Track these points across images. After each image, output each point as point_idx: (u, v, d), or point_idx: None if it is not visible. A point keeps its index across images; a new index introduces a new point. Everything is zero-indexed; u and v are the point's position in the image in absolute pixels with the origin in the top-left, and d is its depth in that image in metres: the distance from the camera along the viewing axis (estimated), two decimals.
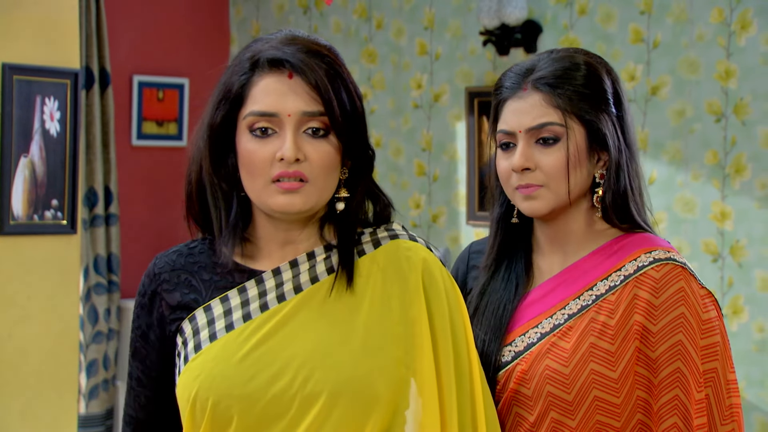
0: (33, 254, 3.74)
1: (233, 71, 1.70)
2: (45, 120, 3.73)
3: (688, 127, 4.44)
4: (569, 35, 4.76)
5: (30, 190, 3.70)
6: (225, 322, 1.67)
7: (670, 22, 4.50)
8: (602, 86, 1.87)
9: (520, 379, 1.84)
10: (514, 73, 1.89)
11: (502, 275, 1.93)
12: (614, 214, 1.87)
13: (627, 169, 1.87)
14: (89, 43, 5.08)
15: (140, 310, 1.75)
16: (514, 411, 1.86)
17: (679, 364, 1.78)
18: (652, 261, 1.84)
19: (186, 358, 1.66)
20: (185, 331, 1.68)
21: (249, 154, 1.65)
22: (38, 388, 3.75)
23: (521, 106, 1.85)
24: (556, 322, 1.85)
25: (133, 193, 5.45)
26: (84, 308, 5.09)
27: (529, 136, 1.85)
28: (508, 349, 1.87)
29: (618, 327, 1.80)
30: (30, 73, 3.69)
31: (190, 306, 1.70)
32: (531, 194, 1.85)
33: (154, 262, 1.75)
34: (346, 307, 1.68)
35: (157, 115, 5.54)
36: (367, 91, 5.40)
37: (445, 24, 5.16)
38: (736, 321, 4.33)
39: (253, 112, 1.66)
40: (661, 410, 1.79)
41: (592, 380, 1.79)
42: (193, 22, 5.71)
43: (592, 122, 1.84)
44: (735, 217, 4.33)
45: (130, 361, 1.76)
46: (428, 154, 5.22)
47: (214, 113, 1.70)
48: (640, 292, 1.81)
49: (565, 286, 1.88)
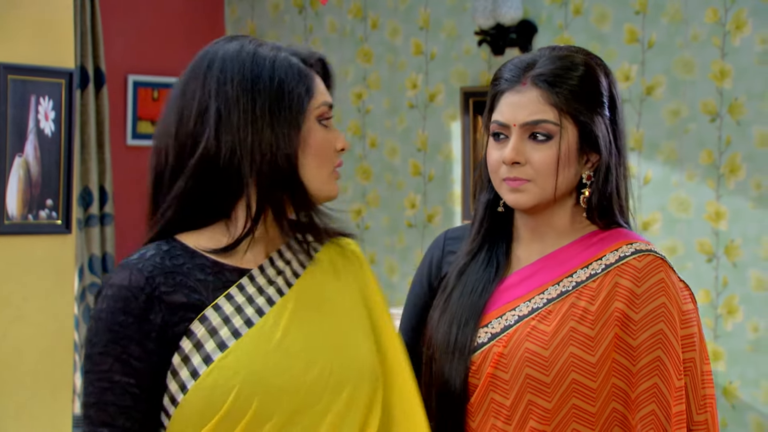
0: (28, 254, 3.73)
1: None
2: (40, 119, 3.72)
3: (682, 127, 4.46)
4: (564, 35, 4.77)
5: (25, 189, 3.70)
6: (241, 318, 1.67)
7: (664, 22, 4.51)
8: (599, 88, 1.88)
9: (497, 362, 1.86)
10: (515, 66, 1.90)
11: (483, 259, 1.95)
12: (598, 215, 1.90)
13: (616, 173, 1.89)
14: (84, 42, 5.08)
15: (130, 319, 1.62)
16: (490, 397, 1.87)
17: (659, 352, 1.81)
18: (633, 251, 1.87)
19: (208, 358, 1.62)
20: (196, 332, 1.63)
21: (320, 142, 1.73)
22: (33, 388, 3.74)
23: (518, 100, 1.87)
24: (534, 306, 1.87)
25: (128, 192, 5.43)
26: (79, 308, 5.07)
27: (522, 131, 1.86)
28: (484, 331, 1.89)
29: (598, 313, 1.83)
30: (25, 73, 3.68)
31: (196, 306, 1.65)
32: (518, 187, 1.87)
33: (134, 269, 1.64)
34: (335, 291, 1.76)
35: (152, 115, 5.53)
36: (363, 91, 5.40)
37: (440, 24, 5.17)
38: (731, 321, 4.34)
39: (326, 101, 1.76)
40: (639, 398, 1.81)
41: (570, 363, 1.81)
42: (188, 22, 5.70)
43: (586, 123, 1.86)
44: (730, 216, 4.35)
45: (112, 379, 1.63)
46: (423, 154, 5.23)
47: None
48: (622, 280, 1.84)
49: (544, 273, 1.90)
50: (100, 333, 1.62)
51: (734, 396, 4.33)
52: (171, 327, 1.64)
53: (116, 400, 1.62)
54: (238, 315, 1.67)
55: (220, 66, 1.69)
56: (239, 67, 1.69)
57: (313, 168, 1.71)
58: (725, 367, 4.36)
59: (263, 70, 1.69)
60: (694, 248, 4.43)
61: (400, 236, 5.31)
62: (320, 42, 5.47)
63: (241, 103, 1.67)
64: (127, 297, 1.62)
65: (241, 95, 1.67)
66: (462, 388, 1.88)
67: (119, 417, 1.61)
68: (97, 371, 1.62)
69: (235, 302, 1.67)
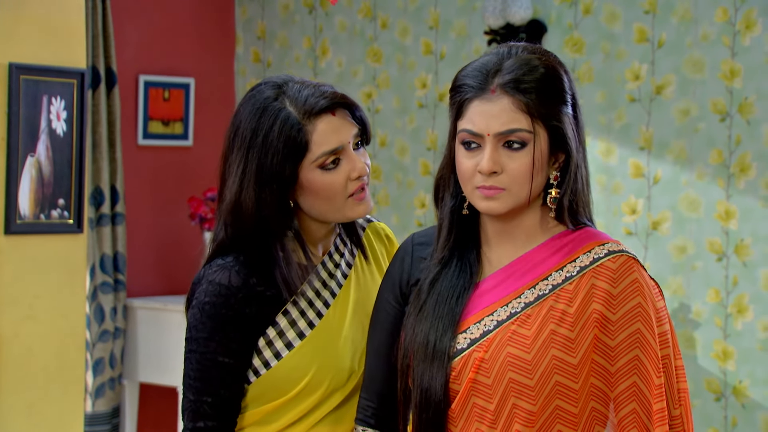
0: (39, 253, 3.75)
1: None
2: (51, 119, 3.74)
3: (692, 127, 4.44)
4: (574, 35, 4.76)
5: (36, 189, 3.72)
6: (313, 311, 2.06)
7: (674, 22, 4.50)
8: (563, 87, 1.89)
9: (478, 367, 1.87)
10: (479, 72, 1.89)
11: (454, 266, 1.95)
12: (569, 214, 1.92)
13: (582, 169, 1.92)
14: (95, 43, 5.08)
15: (230, 312, 2.01)
16: (472, 402, 1.88)
17: (637, 351, 1.84)
18: (607, 253, 1.89)
19: (289, 344, 2.03)
20: (279, 323, 2.04)
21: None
22: (45, 387, 3.76)
23: (490, 109, 1.86)
24: (512, 311, 1.89)
25: (139, 192, 5.43)
26: (90, 307, 5.09)
27: (497, 140, 1.86)
28: (462, 336, 1.90)
29: (577, 315, 1.85)
30: (36, 73, 3.70)
31: (279, 299, 2.04)
32: (493, 196, 1.87)
33: (233, 271, 2.02)
34: (375, 279, 2.15)
35: (163, 115, 5.54)
36: (373, 91, 5.39)
37: (450, 24, 5.16)
38: (741, 320, 4.33)
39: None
40: (619, 397, 1.84)
41: (553, 366, 1.84)
42: (199, 22, 5.70)
43: (557, 127, 1.87)
44: (740, 216, 4.34)
45: (216, 359, 2.02)
46: (433, 153, 5.21)
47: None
48: (598, 282, 1.86)
49: (517, 277, 1.91)
50: (204, 321, 2.02)
51: (744, 395, 4.33)
52: (261, 317, 2.03)
53: (218, 375, 2.01)
54: (310, 308, 2.06)
55: (238, 116, 2.04)
56: (245, 122, 2.02)
57: (321, 205, 2.04)
58: (735, 366, 4.35)
59: (260, 130, 2.00)
60: (704, 247, 4.41)
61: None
62: (330, 42, 5.46)
63: (238, 159, 2.01)
64: (227, 294, 2.01)
65: (238, 151, 2.01)
66: (443, 394, 1.89)
67: (220, 388, 2.01)
68: (202, 352, 2.02)
69: (307, 297, 2.06)
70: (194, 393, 2.03)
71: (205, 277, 2.04)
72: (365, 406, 2.03)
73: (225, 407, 2.03)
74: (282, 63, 5.70)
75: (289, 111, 2.00)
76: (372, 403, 2.02)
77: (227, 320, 2.01)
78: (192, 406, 2.03)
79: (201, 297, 2.02)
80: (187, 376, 2.04)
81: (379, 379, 2.01)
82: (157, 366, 5.13)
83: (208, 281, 2.02)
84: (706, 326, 4.42)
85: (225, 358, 2.02)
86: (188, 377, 2.04)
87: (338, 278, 2.11)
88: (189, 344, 2.04)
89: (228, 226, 2.05)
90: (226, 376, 2.02)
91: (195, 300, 2.04)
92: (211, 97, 5.68)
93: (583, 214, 1.94)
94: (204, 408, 2.02)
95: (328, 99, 2.01)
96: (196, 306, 2.03)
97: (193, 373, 2.03)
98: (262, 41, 5.78)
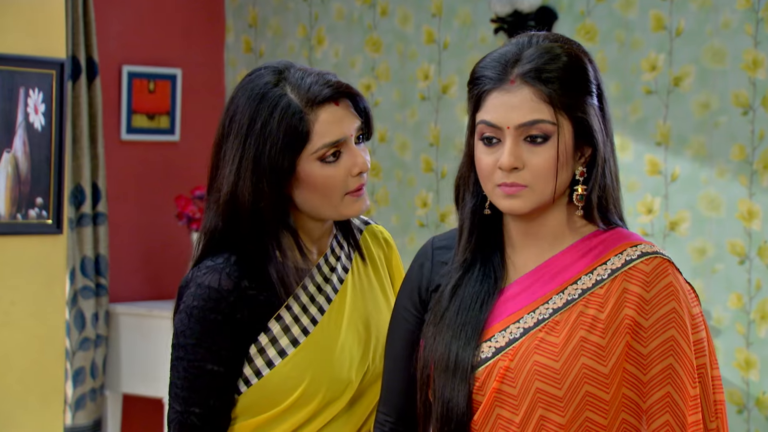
0: (16, 255, 3.78)
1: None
2: (29, 113, 3.76)
3: (713, 121, 4.41)
4: (586, 22, 4.77)
5: (13, 187, 3.73)
6: (308, 317, 2.03)
7: (693, 9, 4.47)
8: (587, 77, 1.88)
9: (503, 376, 1.86)
10: (497, 62, 1.88)
11: (478, 271, 1.94)
12: (598, 212, 1.90)
13: (611, 163, 1.91)
14: (76, 31, 5.03)
15: (220, 317, 1.98)
16: (496, 413, 1.87)
17: (671, 360, 1.83)
18: (640, 255, 1.87)
19: (282, 352, 2.00)
20: (272, 329, 2.00)
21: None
22: (22, 398, 3.78)
23: (509, 101, 1.85)
24: (540, 317, 1.87)
25: (122, 190, 5.44)
26: (70, 313, 5.08)
27: (518, 134, 1.85)
28: (487, 345, 1.89)
29: (608, 321, 1.84)
30: (13, 63, 3.71)
31: (272, 304, 2.01)
32: (515, 194, 1.86)
33: (223, 273, 1.98)
34: (375, 280, 2.14)
35: (147, 108, 5.55)
36: (372, 82, 5.43)
37: (454, 11, 5.16)
38: (765, 327, 4.31)
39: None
40: (652, 408, 1.83)
41: (583, 375, 1.83)
42: (186, 9, 5.72)
43: (581, 118, 1.86)
44: (763, 215, 4.31)
45: (204, 367, 1.98)
46: (436, 149, 5.22)
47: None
48: (631, 285, 1.85)
49: (545, 281, 1.90)
50: (193, 327, 1.98)
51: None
52: (253, 323, 1.99)
53: (207, 384, 1.98)
54: (305, 314, 2.03)
55: (235, 102, 2.02)
56: (242, 108, 2.00)
57: (316, 200, 2.02)
58: (758, 376, 4.36)
59: (258, 117, 1.98)
60: (725, 249, 4.38)
61: (411, 237, 5.29)
62: (326, 30, 5.51)
63: (234, 147, 1.99)
64: (218, 298, 1.97)
65: (234, 139, 2.00)
66: (466, 406, 1.88)
67: (209, 398, 1.98)
68: (190, 359, 1.99)
69: (301, 302, 2.03)
70: (181, 403, 2.01)
71: (194, 279, 2.01)
72: (383, 421, 2.02)
73: (214, 418, 2.00)
74: (275, 53, 5.71)
75: (291, 98, 1.99)
76: (390, 418, 2.01)
77: (217, 326, 1.99)
78: (179, 418, 2.00)
79: (189, 301, 2.00)
80: (173, 386, 2.02)
81: (397, 392, 2.00)
82: (142, 376, 5.12)
83: (197, 284, 2.00)
84: (728, 333, 4.38)
85: (214, 366, 1.99)
86: (175, 386, 2.02)
87: (334, 283, 2.09)
88: (176, 351, 2.02)
89: (222, 217, 2.02)
90: (216, 385, 1.99)
91: (183, 304, 2.02)
92: (200, 89, 5.69)
93: (613, 212, 1.92)
94: (192, 419, 2.00)
95: (333, 88, 2.01)
96: (183, 310, 2.01)
97: (180, 382, 2.01)
98: (253, 29, 5.78)
